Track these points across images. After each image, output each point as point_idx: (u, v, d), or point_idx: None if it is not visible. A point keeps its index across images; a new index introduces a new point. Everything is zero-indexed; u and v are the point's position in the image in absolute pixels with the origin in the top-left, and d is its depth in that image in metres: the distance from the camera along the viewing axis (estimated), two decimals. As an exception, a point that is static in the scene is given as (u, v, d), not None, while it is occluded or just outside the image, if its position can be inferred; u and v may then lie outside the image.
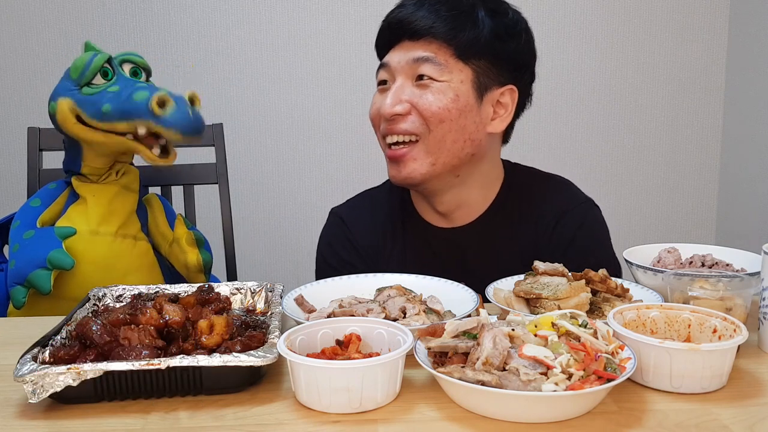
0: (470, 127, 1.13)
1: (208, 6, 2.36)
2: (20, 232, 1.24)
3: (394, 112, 1.11)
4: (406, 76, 1.12)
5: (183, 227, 1.30)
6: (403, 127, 1.12)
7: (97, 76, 1.23)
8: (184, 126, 1.19)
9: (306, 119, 2.44)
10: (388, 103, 1.12)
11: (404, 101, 1.11)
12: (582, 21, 2.43)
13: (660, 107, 2.50)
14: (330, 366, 0.69)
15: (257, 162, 2.45)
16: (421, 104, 1.10)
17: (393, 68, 1.13)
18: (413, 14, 1.11)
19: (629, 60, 2.46)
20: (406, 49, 1.12)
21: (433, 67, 1.10)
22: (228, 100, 2.41)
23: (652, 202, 2.56)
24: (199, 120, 1.22)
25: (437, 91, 1.10)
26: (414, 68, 1.11)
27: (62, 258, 1.18)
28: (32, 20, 2.32)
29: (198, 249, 1.32)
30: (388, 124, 1.13)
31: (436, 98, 1.10)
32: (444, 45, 1.10)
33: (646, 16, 2.44)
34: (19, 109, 2.35)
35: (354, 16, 2.38)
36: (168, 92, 1.19)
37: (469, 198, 1.21)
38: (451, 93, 1.10)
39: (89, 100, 1.21)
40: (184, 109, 1.19)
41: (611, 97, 2.49)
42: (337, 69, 2.41)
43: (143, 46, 2.35)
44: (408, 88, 1.12)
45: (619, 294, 0.94)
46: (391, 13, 1.15)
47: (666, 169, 2.55)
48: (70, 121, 1.23)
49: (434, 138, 1.11)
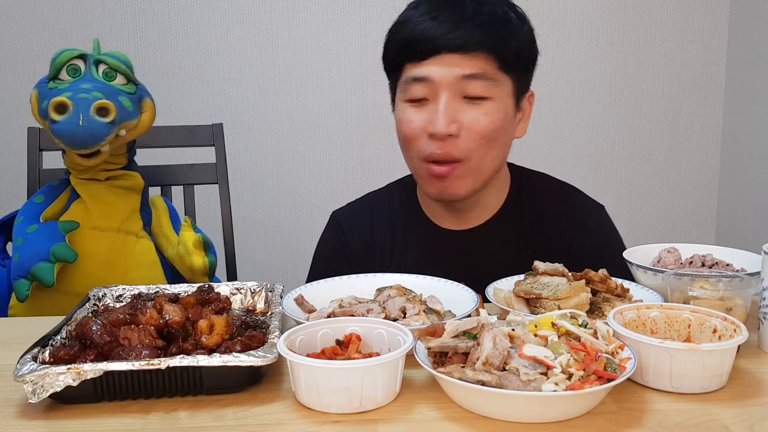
0: (509, 139, 1.14)
1: (208, 6, 2.36)
2: (24, 226, 1.25)
3: (448, 132, 1.06)
4: (453, 92, 1.06)
5: (190, 230, 1.30)
6: (452, 153, 1.08)
7: (63, 71, 1.21)
8: (70, 136, 1.14)
9: (306, 119, 2.44)
10: (443, 122, 1.05)
11: (457, 121, 1.07)
12: (582, 21, 2.43)
13: (660, 107, 2.50)
14: (330, 366, 0.69)
15: (257, 162, 2.45)
16: (474, 126, 1.07)
17: (437, 84, 1.06)
18: (456, 26, 1.05)
19: (629, 60, 2.46)
20: (451, 64, 1.05)
21: (484, 84, 1.06)
22: (228, 100, 2.41)
23: (652, 202, 2.56)
24: (90, 132, 1.15)
25: (490, 111, 1.07)
26: (462, 84, 1.06)
27: (65, 251, 1.18)
28: (32, 20, 2.32)
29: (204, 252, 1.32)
30: (439, 146, 1.08)
31: (489, 120, 1.07)
32: (491, 58, 1.06)
33: (646, 16, 2.44)
34: (19, 109, 2.35)
35: (354, 16, 2.38)
36: (79, 98, 1.14)
37: (486, 200, 1.21)
38: (502, 112, 1.08)
39: (46, 94, 1.20)
40: (76, 119, 1.13)
41: (611, 97, 2.49)
42: (337, 69, 2.41)
43: (143, 46, 2.35)
44: (458, 105, 1.07)
45: (619, 294, 0.94)
46: (419, 23, 1.07)
47: (666, 169, 2.55)
48: (35, 112, 1.23)
49: (480, 157, 1.09)
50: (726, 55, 2.47)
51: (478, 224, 1.21)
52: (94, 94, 1.16)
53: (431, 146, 1.09)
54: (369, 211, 1.30)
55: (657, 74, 2.48)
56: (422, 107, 1.09)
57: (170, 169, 1.63)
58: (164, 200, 1.42)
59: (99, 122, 1.15)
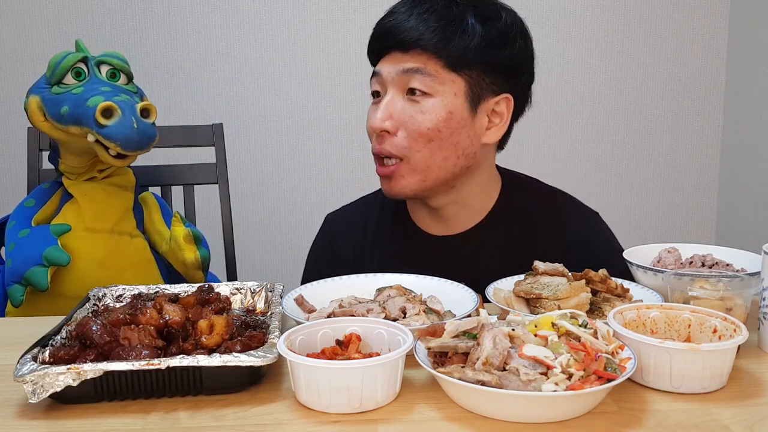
0: (464, 142, 1.09)
1: (208, 6, 2.36)
2: (16, 231, 1.25)
3: (383, 127, 1.08)
4: (397, 88, 1.09)
5: (180, 225, 1.30)
6: (388, 149, 1.09)
7: (68, 75, 1.22)
8: (124, 140, 1.15)
9: (306, 119, 2.44)
10: (378, 117, 1.08)
11: (394, 118, 1.08)
12: (582, 21, 2.43)
13: (660, 107, 2.50)
14: (330, 366, 0.69)
15: (257, 162, 2.45)
16: (410, 124, 1.07)
17: (384, 79, 1.10)
18: (402, 24, 1.07)
19: (629, 60, 2.46)
20: (396, 60, 1.08)
21: (423, 79, 1.06)
22: (228, 100, 2.41)
23: (652, 202, 2.56)
24: (144, 134, 1.17)
25: (429, 110, 1.07)
26: (404, 80, 1.07)
27: (58, 254, 1.18)
28: (32, 20, 2.32)
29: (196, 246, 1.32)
30: (377, 141, 1.11)
31: (426, 117, 1.07)
32: (434, 56, 1.06)
33: (646, 16, 2.44)
34: (19, 109, 2.33)
35: (354, 16, 2.38)
36: (121, 101, 1.16)
37: (468, 203, 1.18)
38: (443, 111, 1.07)
39: (53, 99, 1.20)
40: (129, 122, 1.15)
41: (611, 97, 2.49)
42: (337, 69, 2.41)
43: (143, 46, 2.35)
44: (399, 102, 1.08)
45: (619, 294, 0.94)
46: (381, 21, 1.11)
47: (666, 169, 2.55)
48: (38, 119, 1.23)
49: (422, 157, 1.08)
50: (726, 55, 2.47)
51: (465, 230, 1.19)
52: (124, 97, 1.18)
53: (373, 142, 1.12)
54: (360, 216, 1.29)
55: (657, 74, 2.48)
56: (377, 104, 1.12)
57: (170, 169, 1.63)
58: (154, 196, 1.42)
59: (147, 123, 1.18)
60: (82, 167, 1.29)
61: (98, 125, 1.14)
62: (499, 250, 1.18)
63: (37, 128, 1.26)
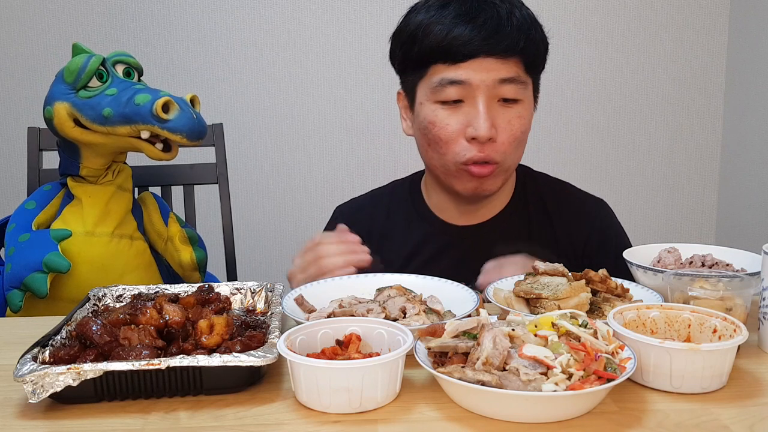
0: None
1: (208, 6, 2.36)
2: (16, 235, 1.24)
3: (490, 135, 1.08)
4: (490, 96, 1.08)
5: (176, 225, 1.30)
6: (492, 155, 1.10)
7: (93, 78, 1.22)
8: (190, 130, 1.18)
9: (306, 119, 2.44)
10: (485, 126, 1.07)
11: (495, 125, 1.09)
12: (582, 21, 2.43)
13: (660, 107, 2.50)
14: (330, 366, 0.69)
15: (257, 162, 2.45)
16: (508, 130, 1.11)
17: (474, 87, 1.08)
18: (496, 30, 1.06)
19: (629, 60, 2.46)
20: (489, 68, 1.07)
21: (517, 88, 1.09)
22: (228, 100, 2.41)
23: (652, 202, 2.56)
24: (202, 123, 1.22)
25: (522, 115, 1.11)
26: (498, 88, 1.08)
27: (58, 261, 1.17)
28: (32, 21, 2.32)
29: (191, 247, 1.32)
30: (480, 149, 1.10)
31: (521, 123, 1.12)
32: (520, 61, 1.09)
33: (646, 17, 2.44)
34: (19, 109, 2.35)
35: (354, 16, 2.38)
36: (170, 95, 1.19)
37: (495, 196, 1.23)
38: (530, 113, 1.14)
39: (88, 104, 1.20)
40: (189, 113, 1.19)
41: (611, 97, 2.49)
42: (337, 69, 2.41)
43: (143, 46, 2.35)
44: (496, 109, 1.10)
45: (619, 294, 0.94)
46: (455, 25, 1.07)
47: (666, 169, 2.55)
48: (68, 125, 1.22)
49: (513, 160, 1.15)
50: (726, 55, 2.47)
51: (485, 220, 1.24)
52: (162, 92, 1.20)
53: (471, 150, 1.10)
54: (370, 205, 1.32)
55: (657, 74, 2.48)
56: (457, 109, 1.10)
57: (170, 169, 1.63)
58: (153, 195, 1.42)
59: (199, 114, 1.22)
60: (101, 169, 1.29)
61: (160, 120, 1.16)
62: (517, 238, 1.22)
63: (62, 136, 1.24)
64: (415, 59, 1.12)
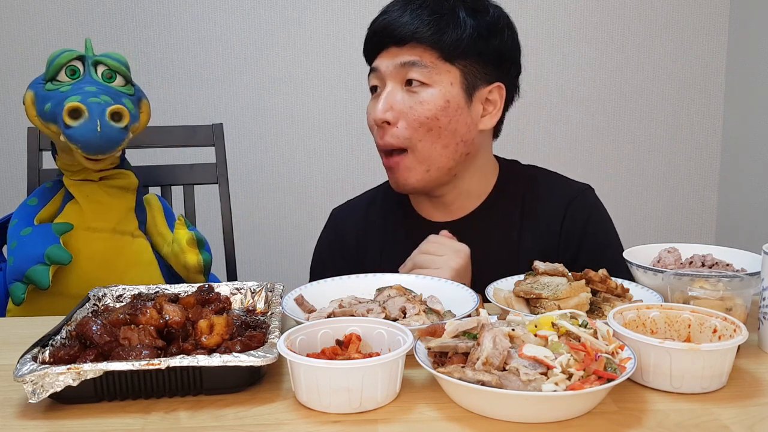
0: (462, 129, 1.15)
1: (208, 6, 2.36)
2: (18, 229, 1.25)
3: (384, 118, 1.13)
4: (396, 80, 1.14)
5: (184, 228, 1.30)
6: (390, 140, 1.14)
7: (62, 73, 1.21)
8: (85, 142, 1.13)
9: (306, 119, 2.44)
10: (379, 109, 1.13)
11: (395, 109, 1.13)
12: (582, 21, 2.43)
13: (660, 107, 2.50)
14: (330, 366, 0.69)
15: (257, 162, 2.45)
16: (410, 114, 1.12)
17: (382, 73, 1.15)
18: (397, 20, 1.13)
19: (629, 60, 2.46)
20: (393, 55, 1.14)
21: (420, 71, 1.12)
22: (228, 100, 2.41)
23: (652, 202, 2.56)
24: (107, 138, 1.14)
25: (427, 99, 1.12)
26: (402, 72, 1.13)
27: (60, 253, 1.18)
28: (32, 20, 2.32)
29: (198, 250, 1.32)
30: (379, 133, 1.15)
31: (425, 107, 1.12)
32: (429, 48, 1.12)
33: (646, 17, 2.44)
34: (19, 109, 2.33)
35: (354, 16, 2.38)
36: (93, 103, 1.13)
37: (468, 189, 1.23)
38: (441, 100, 1.12)
39: (44, 96, 1.20)
40: (92, 125, 1.12)
41: (611, 97, 2.49)
42: (337, 69, 2.41)
43: (143, 46, 2.35)
44: (398, 94, 1.13)
45: (619, 294, 0.94)
46: (376, 19, 1.17)
47: (666, 169, 2.55)
48: (31, 113, 1.23)
49: (423, 147, 1.14)
50: (726, 55, 2.47)
51: (464, 215, 1.24)
52: (103, 98, 1.16)
53: (376, 136, 1.16)
54: (365, 208, 1.33)
55: (657, 74, 2.48)
56: (376, 97, 1.17)
57: (170, 169, 1.63)
58: (158, 198, 1.42)
59: (115, 128, 1.15)
60: (74, 165, 1.28)
61: (65, 125, 1.13)
62: (498, 231, 1.22)
63: (32, 123, 1.26)
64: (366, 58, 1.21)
